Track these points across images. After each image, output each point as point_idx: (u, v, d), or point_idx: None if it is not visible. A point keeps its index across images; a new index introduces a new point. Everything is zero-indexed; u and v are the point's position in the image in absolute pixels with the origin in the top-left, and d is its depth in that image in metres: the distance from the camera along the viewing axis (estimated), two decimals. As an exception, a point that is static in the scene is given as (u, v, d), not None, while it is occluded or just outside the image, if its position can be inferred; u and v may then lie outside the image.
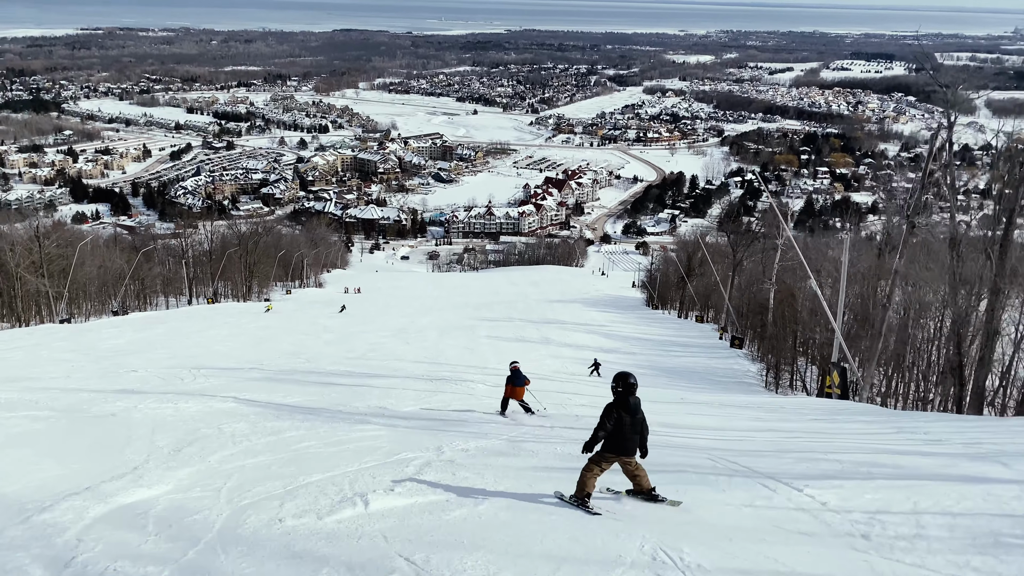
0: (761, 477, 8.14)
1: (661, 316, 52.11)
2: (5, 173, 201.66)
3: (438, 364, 22.21)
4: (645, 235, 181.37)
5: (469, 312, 46.95)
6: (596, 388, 19.61)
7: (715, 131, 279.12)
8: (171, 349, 23.16)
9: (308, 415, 12.70)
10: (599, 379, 22.27)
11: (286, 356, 22.76)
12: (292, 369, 20.51)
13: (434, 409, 14.52)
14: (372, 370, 20.96)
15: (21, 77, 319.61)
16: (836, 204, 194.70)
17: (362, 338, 29.04)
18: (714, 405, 17.00)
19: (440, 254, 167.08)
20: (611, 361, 25.14)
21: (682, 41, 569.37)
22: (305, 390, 16.34)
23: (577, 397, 17.32)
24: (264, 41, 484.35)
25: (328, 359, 22.36)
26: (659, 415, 13.76)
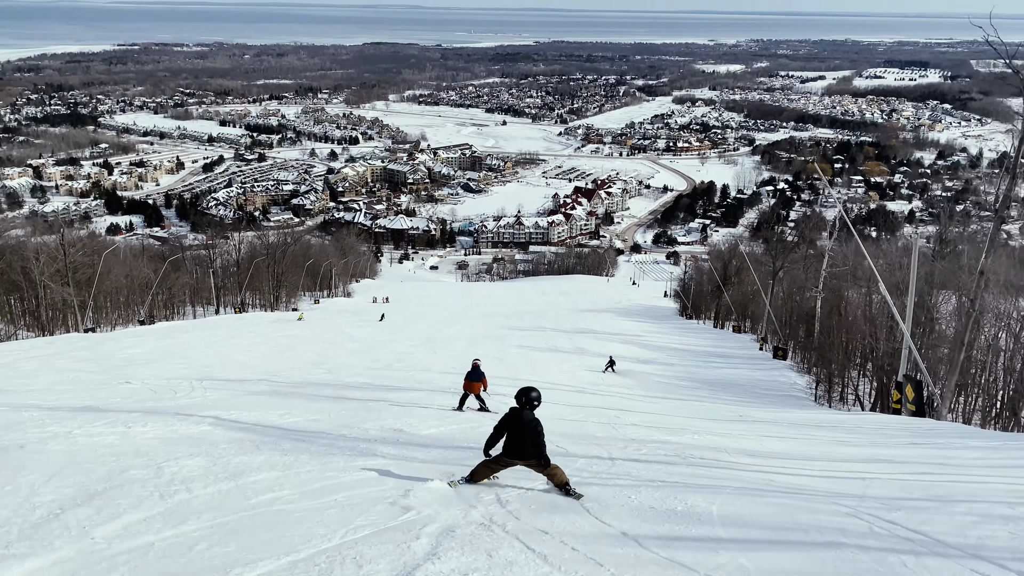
0: (961, 556, 5.64)
1: (696, 326, 50.63)
2: (43, 186, 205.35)
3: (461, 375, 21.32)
4: (676, 245, 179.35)
5: (499, 321, 45.93)
6: (646, 403, 18.28)
7: (746, 140, 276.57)
8: (189, 358, 22.42)
9: (299, 442, 10.26)
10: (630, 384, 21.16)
11: (307, 366, 21.84)
12: (306, 381, 19.12)
13: (461, 431, 12.50)
14: (395, 382, 19.58)
15: (60, 92, 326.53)
16: (871, 213, 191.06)
17: (389, 348, 28.09)
18: (780, 424, 15.45)
19: (469, 264, 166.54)
20: (649, 372, 23.97)
21: (712, 51, 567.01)
22: (311, 407, 14.42)
23: (627, 415, 15.69)
24: (296, 55, 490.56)
25: (350, 369, 21.32)
26: (724, 436, 12.60)
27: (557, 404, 16.28)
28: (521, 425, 7.86)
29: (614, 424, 13.85)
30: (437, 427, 12.62)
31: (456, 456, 9.70)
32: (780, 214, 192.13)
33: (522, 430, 7.84)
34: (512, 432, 7.91)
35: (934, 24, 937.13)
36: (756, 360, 31.15)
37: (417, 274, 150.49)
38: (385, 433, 11.56)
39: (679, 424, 14.54)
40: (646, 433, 12.82)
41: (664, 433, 12.94)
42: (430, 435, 11.73)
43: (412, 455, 9.77)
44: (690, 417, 15.65)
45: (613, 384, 21.72)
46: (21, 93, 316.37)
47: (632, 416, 15.38)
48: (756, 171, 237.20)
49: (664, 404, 18.21)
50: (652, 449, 10.86)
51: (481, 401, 15.52)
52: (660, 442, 11.66)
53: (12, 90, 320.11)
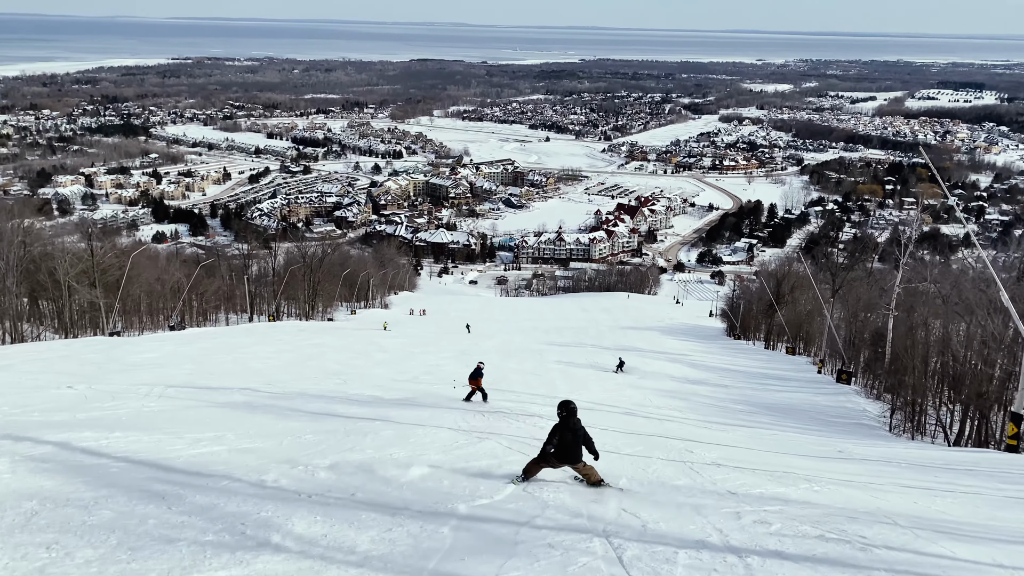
0: None
1: (745, 346, 48.10)
2: (93, 193, 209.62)
3: (498, 391, 19.38)
4: (721, 264, 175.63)
5: (537, 336, 44.08)
6: (712, 431, 16.37)
7: (794, 160, 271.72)
8: (201, 364, 21.03)
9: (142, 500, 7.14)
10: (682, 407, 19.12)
11: (324, 376, 20.26)
12: (302, 392, 17.21)
13: (465, 476, 9.32)
14: (410, 395, 17.84)
15: (114, 103, 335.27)
16: (925, 236, 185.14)
17: (419, 359, 26.41)
18: (896, 464, 12.87)
19: (509, 279, 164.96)
20: (701, 394, 21.88)
21: (759, 70, 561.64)
22: (271, 426, 12.03)
23: (699, 448, 13.13)
24: (344, 70, 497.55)
25: (368, 381, 19.66)
26: (854, 487, 9.92)
27: (606, 430, 14.11)
28: (573, 431, 9.17)
29: (691, 464, 11.30)
30: (432, 467, 9.58)
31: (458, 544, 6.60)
32: (830, 235, 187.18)
33: (574, 434, 9.16)
34: (563, 439, 9.12)
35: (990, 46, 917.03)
36: (816, 384, 28.75)
37: (456, 288, 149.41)
38: (340, 478, 8.58)
39: (774, 464, 12.07)
40: (742, 480, 10.23)
41: (768, 481, 10.29)
42: (412, 482, 8.72)
43: (350, 541, 6.41)
44: (779, 452, 13.43)
45: (663, 406, 19.68)
46: (78, 104, 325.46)
47: (706, 450, 12.99)
48: (804, 191, 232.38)
49: (734, 433, 16.20)
50: (781, 519, 7.85)
51: (484, 394, 17.62)
52: (777, 500, 9.00)
53: (69, 101, 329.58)
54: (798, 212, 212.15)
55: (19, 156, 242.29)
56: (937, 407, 19.54)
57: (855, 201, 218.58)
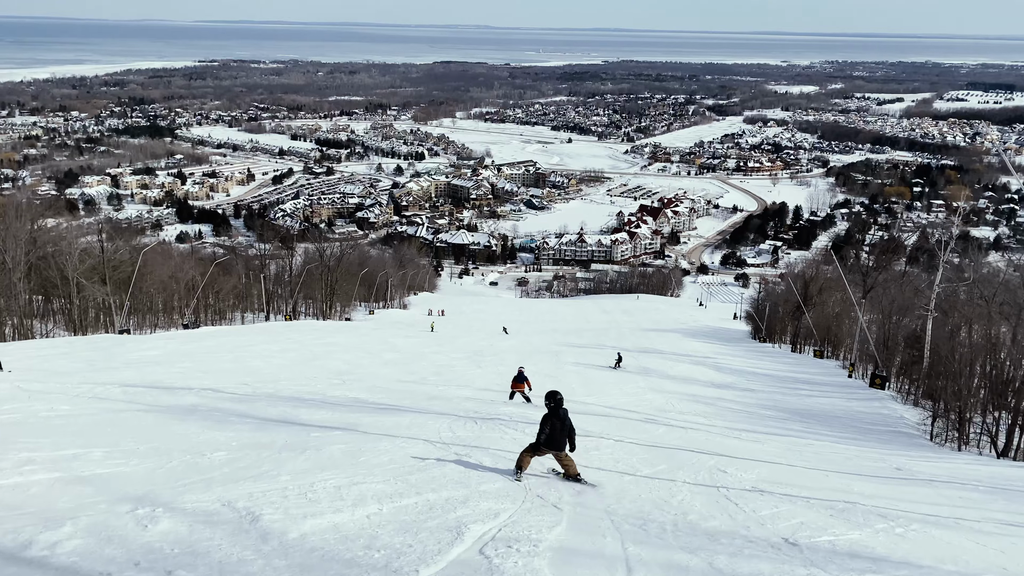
0: None
1: (772, 350, 46.69)
2: (119, 194, 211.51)
3: (505, 394, 18.38)
4: (745, 267, 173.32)
5: (556, 338, 43.04)
6: (743, 442, 15.09)
7: (819, 161, 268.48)
8: (199, 363, 20.24)
9: None
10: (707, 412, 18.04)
11: (325, 376, 19.29)
12: (275, 393, 15.70)
13: (405, 522, 6.99)
14: (408, 400, 16.32)
15: (141, 105, 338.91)
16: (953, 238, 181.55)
17: (430, 360, 25.47)
18: (973, 487, 11.28)
19: (529, 280, 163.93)
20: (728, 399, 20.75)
21: (784, 72, 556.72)
22: (199, 437, 10.46)
23: (732, 465, 11.44)
24: (367, 73, 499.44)
25: (367, 382, 18.60)
26: (945, 527, 8.01)
27: (622, 441, 12.91)
28: (561, 420, 9.68)
29: (726, 492, 9.48)
30: (354, 513, 7.10)
31: None
32: (856, 237, 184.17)
33: (562, 423, 9.67)
34: (554, 426, 9.62)
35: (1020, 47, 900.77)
36: (848, 388, 27.45)
37: (476, 289, 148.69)
38: (185, 533, 6.15)
39: (828, 489, 10.18)
40: (799, 518, 8.22)
41: (832, 518, 8.25)
42: (296, 544, 6.10)
43: None
44: (827, 470, 11.80)
45: (686, 412, 18.55)
46: (105, 106, 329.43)
47: (741, 468, 11.25)
48: (830, 193, 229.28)
49: (768, 445, 14.77)
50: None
51: (526, 397, 18.03)
52: (860, 557, 6.84)
53: (97, 103, 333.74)
54: (824, 214, 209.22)
55: (48, 157, 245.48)
56: (983, 415, 18.27)
57: (882, 203, 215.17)
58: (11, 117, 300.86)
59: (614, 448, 12.33)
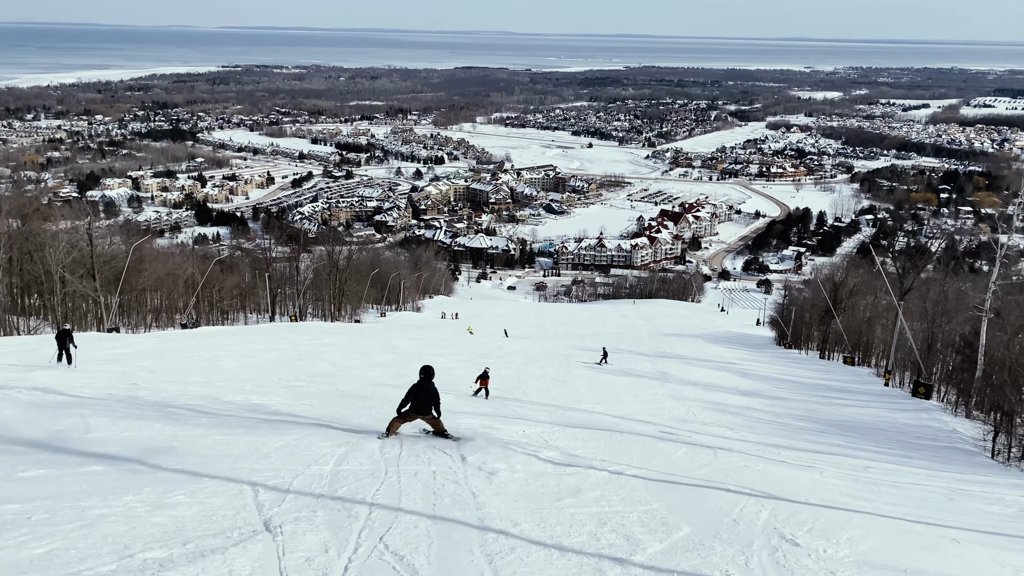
0: None
1: (798, 356, 44.32)
2: (139, 196, 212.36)
3: (502, 401, 16.29)
4: (768, 272, 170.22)
5: (571, 342, 41.02)
6: (781, 467, 11.97)
7: (844, 167, 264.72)
8: (164, 361, 18.49)
9: None
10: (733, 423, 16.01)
11: (305, 377, 17.32)
12: (213, 397, 13.75)
13: None
14: (324, 409, 13.66)
15: (164, 109, 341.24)
16: (982, 245, 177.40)
17: (428, 361, 23.53)
18: None
19: (547, 285, 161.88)
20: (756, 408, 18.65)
21: (808, 77, 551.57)
22: None
23: (788, 513, 8.37)
24: (389, 78, 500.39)
25: (349, 385, 16.71)
26: None
27: (622, 474, 9.68)
28: (426, 391, 11.22)
29: (779, 555, 6.90)
30: None
31: None
32: (882, 243, 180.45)
33: (427, 394, 11.21)
34: (418, 396, 11.17)
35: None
36: (887, 398, 25.14)
37: (494, 293, 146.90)
38: None
39: (928, 546, 7.81)
40: None
41: None
42: None
43: None
44: (926, 521, 8.78)
45: (710, 422, 16.40)
46: (129, 110, 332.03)
47: (815, 529, 7.76)
48: (855, 199, 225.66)
49: (829, 476, 11.52)
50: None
51: (487, 392, 18.10)
52: None
53: (121, 107, 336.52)
54: (848, 220, 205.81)
55: (71, 159, 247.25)
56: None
57: (908, 210, 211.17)
58: (36, 121, 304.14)
59: (606, 488, 8.82)
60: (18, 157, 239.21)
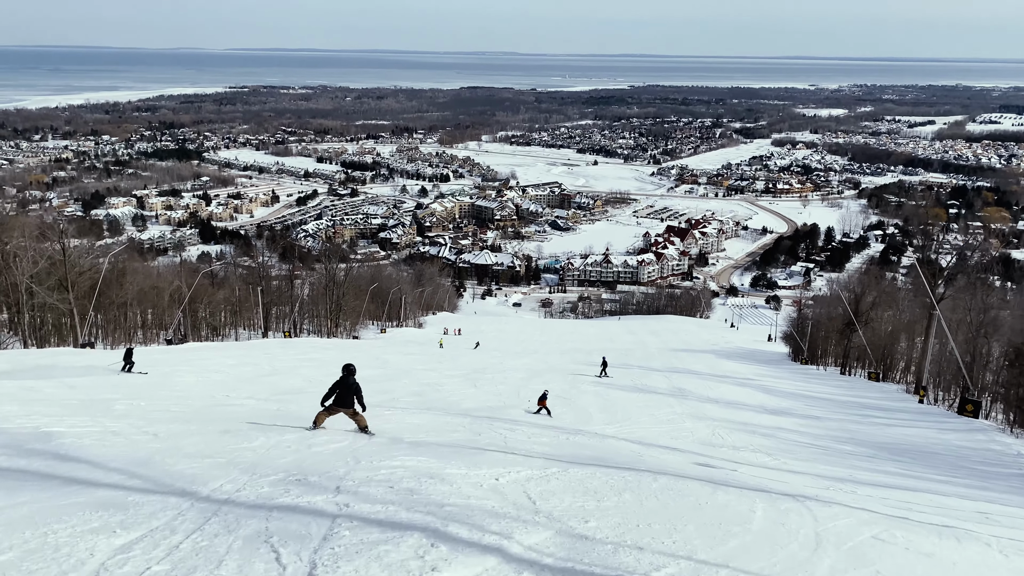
0: None
1: (817, 372, 42.03)
2: (144, 215, 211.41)
3: (489, 423, 13.80)
4: (776, 288, 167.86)
5: (577, 357, 38.89)
6: (846, 513, 8.63)
7: (851, 183, 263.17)
8: (105, 378, 16.46)
9: None
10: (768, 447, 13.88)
11: (270, 395, 15.40)
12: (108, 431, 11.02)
13: None
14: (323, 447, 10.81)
15: (171, 129, 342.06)
16: (993, 261, 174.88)
17: (414, 378, 21.35)
18: None
19: (553, 301, 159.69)
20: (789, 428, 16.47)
21: (812, 95, 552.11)
22: None
23: None
24: (395, 98, 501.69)
25: (291, 405, 14.62)
26: None
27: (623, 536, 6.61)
28: (347, 386, 11.89)
29: None
30: None
31: None
32: (890, 259, 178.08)
33: (348, 389, 11.89)
34: (341, 391, 11.88)
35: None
36: (928, 416, 22.83)
37: (499, 310, 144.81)
38: None
39: None
40: None
41: None
42: None
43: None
44: None
45: (741, 446, 14.18)
46: (136, 130, 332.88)
47: None
48: (863, 215, 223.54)
49: (975, 543, 8.26)
50: None
51: (548, 411, 17.97)
52: None
53: (128, 127, 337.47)
54: (856, 236, 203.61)
55: (76, 179, 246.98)
56: None
57: (917, 225, 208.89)
58: (44, 141, 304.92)
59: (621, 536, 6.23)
60: (24, 177, 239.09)
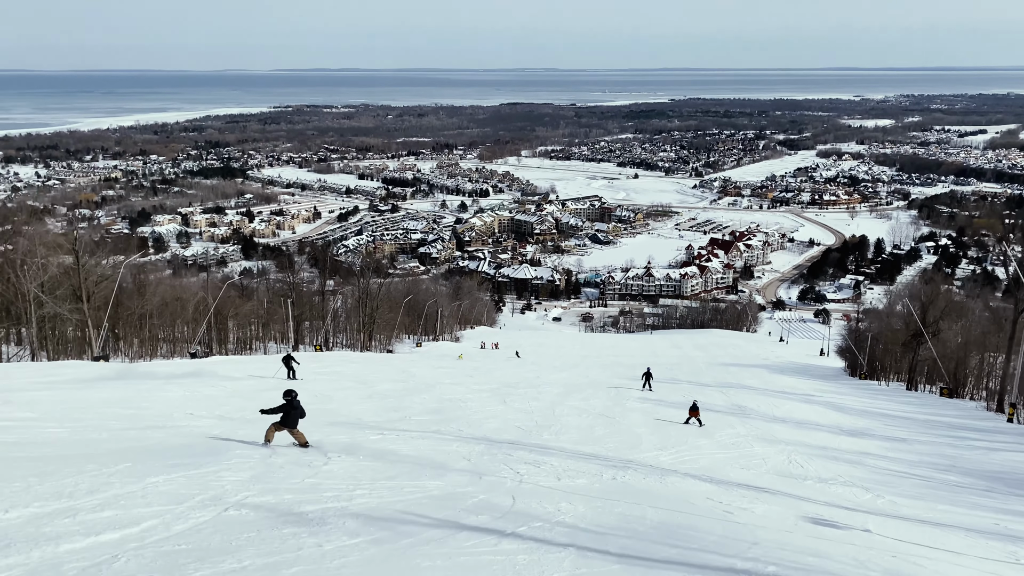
0: None
1: (879, 387, 39.00)
2: (188, 232, 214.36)
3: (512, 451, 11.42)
4: (825, 302, 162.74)
5: (620, 371, 36.56)
6: None
7: (900, 194, 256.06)
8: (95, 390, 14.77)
9: None
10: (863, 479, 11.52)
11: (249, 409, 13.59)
12: None
13: None
14: None
15: (217, 148, 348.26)
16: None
17: (440, 392, 19.15)
18: None
19: (594, 316, 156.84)
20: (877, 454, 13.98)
21: (857, 106, 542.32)
22: None
23: None
24: (435, 115, 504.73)
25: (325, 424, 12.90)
26: None
27: None
28: (294, 408, 13.36)
29: None
30: None
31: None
32: (945, 271, 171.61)
33: (295, 410, 13.36)
34: (288, 413, 13.30)
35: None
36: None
37: (538, 324, 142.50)
38: None
39: None
40: None
41: None
42: None
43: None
44: None
45: (828, 478, 11.68)
46: (183, 149, 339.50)
47: None
48: (913, 226, 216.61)
49: None
50: None
51: (699, 421, 18.64)
52: None
53: (175, 146, 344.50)
54: (908, 247, 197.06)
55: (124, 197, 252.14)
56: None
57: (971, 236, 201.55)
58: (95, 161, 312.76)
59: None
60: (75, 196, 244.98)
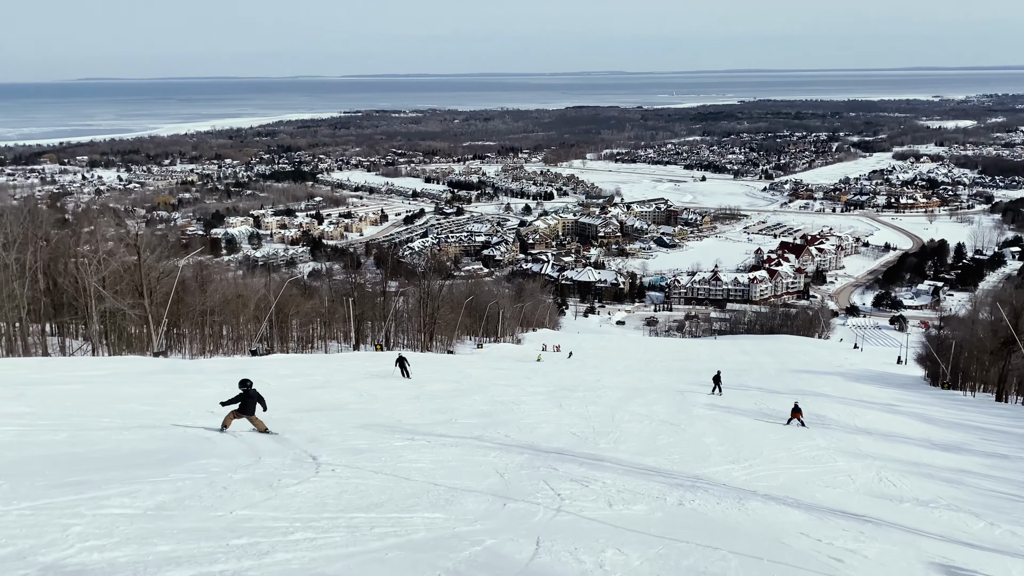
0: None
1: (965, 398, 36.55)
2: (259, 233, 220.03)
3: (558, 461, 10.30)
4: (901, 308, 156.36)
5: (686, 377, 35.15)
6: None
7: (982, 197, 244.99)
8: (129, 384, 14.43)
9: None
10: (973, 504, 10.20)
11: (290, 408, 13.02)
12: None
13: None
14: None
15: (288, 152, 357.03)
16: None
17: (492, 394, 18.27)
18: None
19: (659, 320, 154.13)
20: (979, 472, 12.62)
21: (936, 107, 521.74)
22: None
23: None
24: (501, 119, 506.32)
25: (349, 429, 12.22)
26: None
27: None
28: (249, 396, 13.68)
29: None
30: None
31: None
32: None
33: (250, 399, 13.68)
34: (244, 401, 13.63)
35: None
36: None
37: (602, 328, 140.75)
38: None
39: None
40: None
41: None
42: None
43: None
44: None
45: (927, 500, 10.36)
46: (256, 154, 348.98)
47: None
48: (997, 231, 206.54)
49: None
50: None
51: (802, 423, 19.17)
52: None
53: (248, 151, 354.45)
54: (991, 253, 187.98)
55: (199, 200, 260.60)
56: None
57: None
58: (172, 165, 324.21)
59: None
60: (153, 199, 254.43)
